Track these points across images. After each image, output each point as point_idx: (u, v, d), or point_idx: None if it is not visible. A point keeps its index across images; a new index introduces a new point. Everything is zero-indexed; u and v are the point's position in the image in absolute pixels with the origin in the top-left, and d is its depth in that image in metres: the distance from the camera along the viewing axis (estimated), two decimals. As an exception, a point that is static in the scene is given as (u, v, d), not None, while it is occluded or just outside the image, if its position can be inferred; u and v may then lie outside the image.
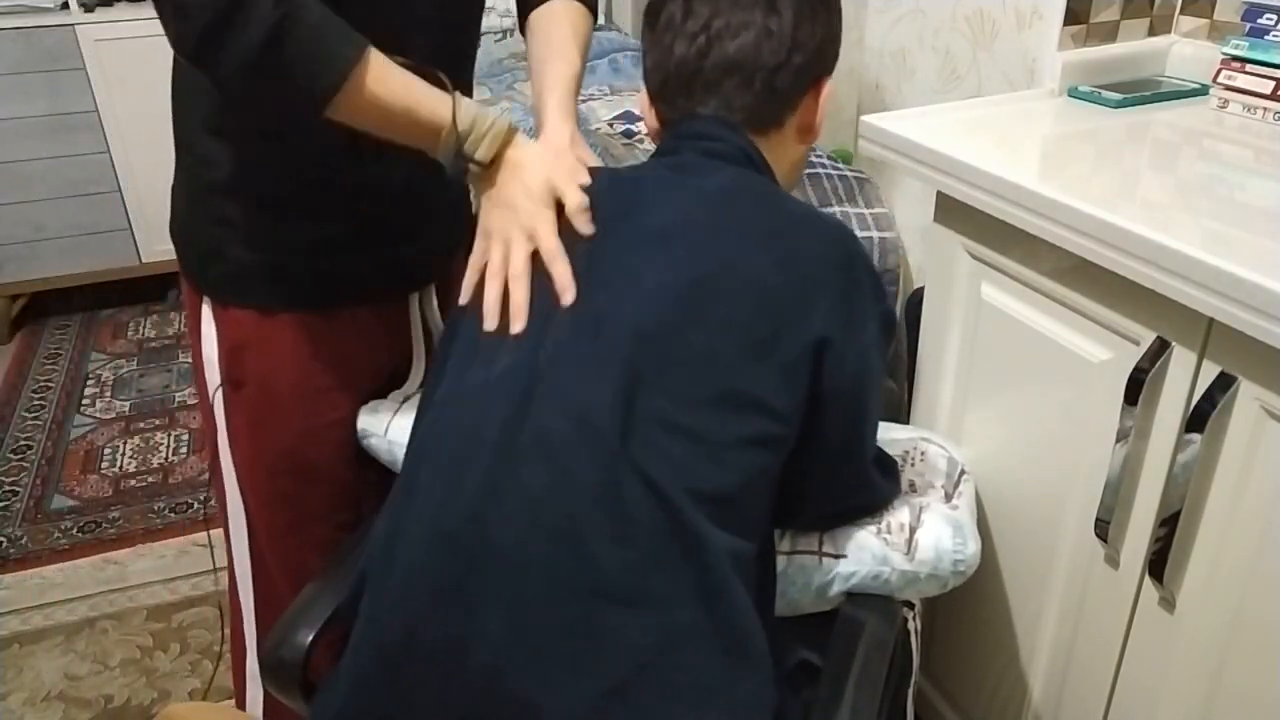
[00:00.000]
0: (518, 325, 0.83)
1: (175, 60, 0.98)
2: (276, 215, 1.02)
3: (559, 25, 1.08)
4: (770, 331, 0.80)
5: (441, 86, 0.90)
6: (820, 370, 0.82)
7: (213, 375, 1.08)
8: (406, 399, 1.13)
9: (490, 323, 0.85)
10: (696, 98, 0.91)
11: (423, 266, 1.15)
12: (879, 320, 0.87)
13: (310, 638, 0.91)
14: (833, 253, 0.84)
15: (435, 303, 1.18)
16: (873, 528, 0.96)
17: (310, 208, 1.02)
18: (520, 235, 0.87)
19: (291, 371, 1.07)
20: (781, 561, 0.94)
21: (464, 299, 0.89)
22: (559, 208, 0.88)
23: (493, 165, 0.91)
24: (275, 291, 1.04)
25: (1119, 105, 1.25)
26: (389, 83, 0.88)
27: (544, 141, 1.00)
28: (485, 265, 0.88)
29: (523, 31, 1.13)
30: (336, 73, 0.85)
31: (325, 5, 0.85)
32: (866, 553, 0.94)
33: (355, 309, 1.09)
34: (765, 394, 0.80)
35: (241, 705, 1.23)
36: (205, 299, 1.06)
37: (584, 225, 0.86)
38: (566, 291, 0.83)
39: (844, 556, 0.94)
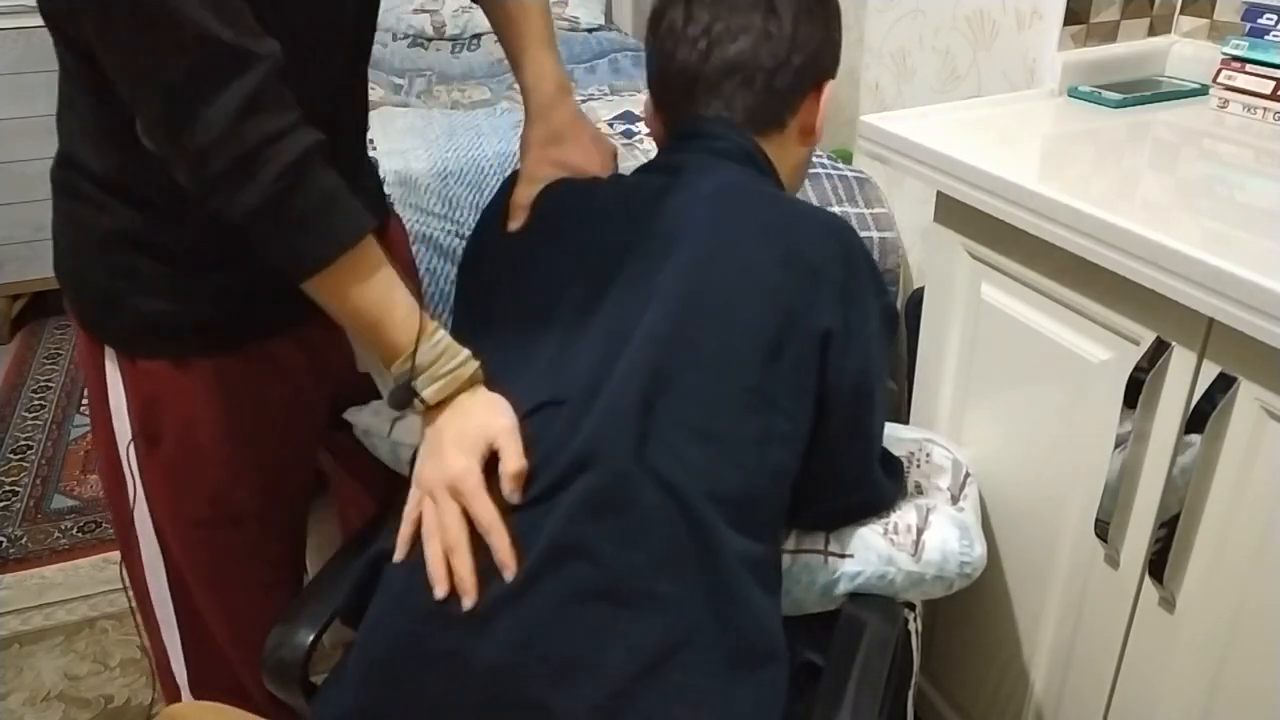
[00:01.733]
0: (468, 600, 0.75)
1: (63, 96, 0.91)
2: (183, 265, 0.93)
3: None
4: (779, 328, 0.81)
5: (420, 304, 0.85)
6: (825, 363, 0.82)
7: (122, 427, 0.99)
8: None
9: (440, 590, 0.77)
10: (699, 100, 0.92)
11: None
12: (881, 314, 0.87)
13: (310, 638, 0.91)
14: (833, 247, 0.85)
15: None
16: (879, 528, 0.95)
17: (221, 252, 0.92)
18: (446, 497, 0.80)
19: (212, 421, 0.99)
20: (786, 560, 0.94)
21: (399, 555, 0.81)
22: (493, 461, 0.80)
23: (438, 407, 0.84)
24: (187, 341, 0.96)
25: (1119, 105, 1.25)
26: (370, 281, 0.84)
27: (533, 124, 0.99)
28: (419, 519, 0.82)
29: None
30: (321, 256, 0.81)
31: (332, 170, 0.82)
32: (873, 553, 0.94)
33: (277, 342, 1.01)
34: (779, 391, 0.80)
35: None
36: (107, 348, 0.97)
37: (512, 495, 0.78)
38: (507, 568, 0.75)
39: (850, 556, 0.94)
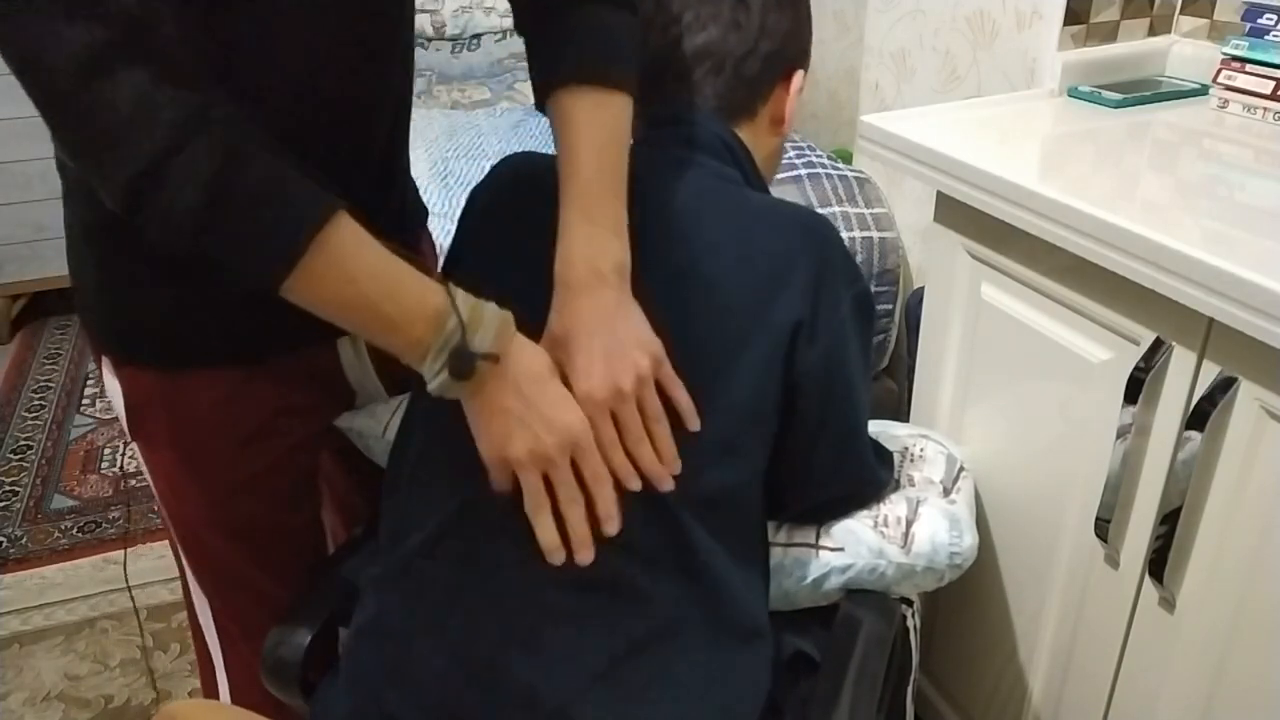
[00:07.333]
0: (585, 555, 0.74)
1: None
2: (166, 268, 0.82)
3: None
4: (741, 329, 0.81)
5: (426, 272, 0.73)
6: (794, 354, 0.82)
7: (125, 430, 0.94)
8: (404, 401, 1.13)
9: (559, 557, 0.74)
10: (669, 88, 0.92)
11: None
12: (853, 301, 0.86)
13: (310, 638, 0.92)
14: (795, 241, 0.84)
15: (365, 351, 1.01)
16: (869, 520, 0.96)
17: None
18: (562, 460, 0.73)
19: (206, 429, 0.92)
20: (777, 554, 0.94)
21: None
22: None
23: (492, 367, 0.73)
24: (178, 349, 0.88)
25: (1119, 105, 1.25)
26: (361, 257, 0.70)
27: (551, 313, 0.78)
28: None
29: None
30: (290, 247, 0.67)
31: (271, 151, 0.67)
32: (863, 545, 0.94)
33: (274, 359, 0.92)
34: (745, 391, 0.80)
35: None
36: (104, 356, 0.91)
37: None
38: (612, 520, 0.74)
39: (840, 549, 0.94)
